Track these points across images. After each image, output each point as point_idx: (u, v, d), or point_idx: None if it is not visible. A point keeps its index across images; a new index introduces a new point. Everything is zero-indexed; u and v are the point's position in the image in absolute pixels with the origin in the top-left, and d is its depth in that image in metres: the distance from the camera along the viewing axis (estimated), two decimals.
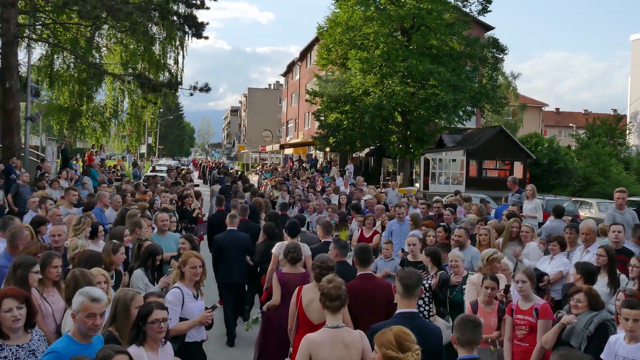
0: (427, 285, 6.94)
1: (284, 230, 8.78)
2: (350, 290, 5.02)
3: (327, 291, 4.51)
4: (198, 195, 16.55)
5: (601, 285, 6.72)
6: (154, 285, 6.51)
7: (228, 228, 9.51)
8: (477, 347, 4.24)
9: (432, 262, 7.43)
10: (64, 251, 6.96)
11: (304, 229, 10.73)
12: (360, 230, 11.33)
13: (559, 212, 11.11)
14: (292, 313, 5.84)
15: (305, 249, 7.65)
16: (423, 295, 6.81)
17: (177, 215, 11.19)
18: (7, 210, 13.68)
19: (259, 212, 12.28)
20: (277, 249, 8.00)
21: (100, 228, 8.14)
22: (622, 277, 7.18)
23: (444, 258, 7.80)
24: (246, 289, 10.01)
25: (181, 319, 5.74)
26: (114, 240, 7.08)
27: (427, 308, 6.93)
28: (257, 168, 43.16)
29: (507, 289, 6.67)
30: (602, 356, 5.26)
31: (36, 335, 4.40)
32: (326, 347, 4.29)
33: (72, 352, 3.66)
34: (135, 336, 4.44)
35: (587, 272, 6.46)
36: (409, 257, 8.35)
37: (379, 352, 3.61)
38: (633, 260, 6.68)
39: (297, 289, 5.91)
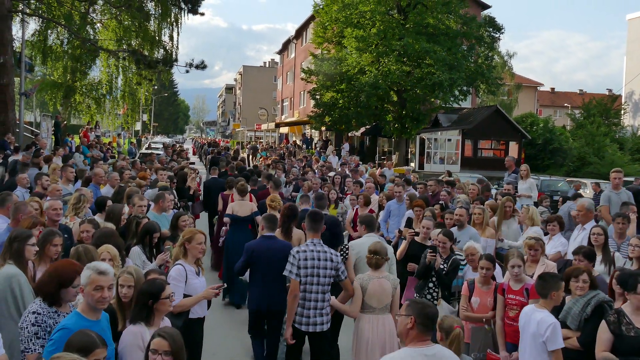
0: (441, 267, 7.00)
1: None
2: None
3: (235, 185, 10.43)
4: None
5: (596, 263, 6.79)
6: (152, 263, 6.52)
7: (211, 177, 15.12)
8: None
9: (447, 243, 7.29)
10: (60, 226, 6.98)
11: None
12: (355, 209, 11.17)
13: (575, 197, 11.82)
14: None
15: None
16: (432, 278, 7.01)
17: (174, 193, 11.20)
18: None
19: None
20: None
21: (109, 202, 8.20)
22: (617, 255, 7.25)
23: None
24: None
25: (185, 296, 5.79)
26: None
27: (435, 289, 6.99)
28: (249, 145, 43.65)
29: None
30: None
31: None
32: (237, 206, 10.12)
33: (82, 328, 3.71)
34: (142, 314, 4.46)
35: (589, 256, 6.53)
36: (417, 239, 7.76)
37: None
38: (633, 240, 6.72)
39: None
